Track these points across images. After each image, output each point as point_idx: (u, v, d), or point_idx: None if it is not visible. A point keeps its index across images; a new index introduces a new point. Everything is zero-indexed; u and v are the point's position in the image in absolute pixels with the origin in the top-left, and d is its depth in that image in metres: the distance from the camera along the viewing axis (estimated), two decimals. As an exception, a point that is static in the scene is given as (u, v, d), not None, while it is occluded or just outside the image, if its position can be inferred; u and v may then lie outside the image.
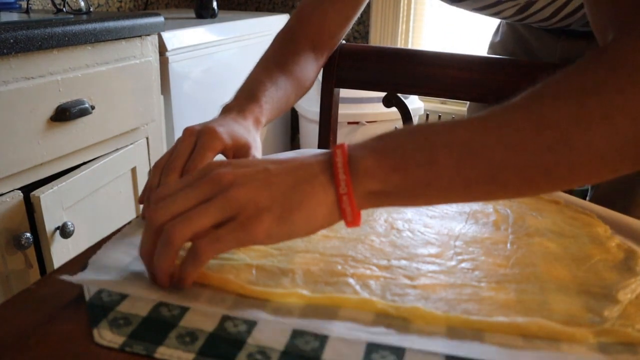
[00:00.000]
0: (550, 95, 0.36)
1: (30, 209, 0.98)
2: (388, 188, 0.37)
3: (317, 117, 0.95)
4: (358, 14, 0.74)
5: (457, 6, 0.69)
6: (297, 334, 0.35)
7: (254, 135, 0.57)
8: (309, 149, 0.72)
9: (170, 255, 0.36)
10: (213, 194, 0.37)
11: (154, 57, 1.29)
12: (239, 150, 0.53)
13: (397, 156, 0.36)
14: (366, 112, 1.95)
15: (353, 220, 0.38)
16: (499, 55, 0.80)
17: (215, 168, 0.38)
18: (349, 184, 0.36)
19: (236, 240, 0.36)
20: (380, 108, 0.94)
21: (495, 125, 0.36)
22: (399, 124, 0.93)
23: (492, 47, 0.86)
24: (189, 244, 0.37)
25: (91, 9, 1.23)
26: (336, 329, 0.35)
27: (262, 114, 0.60)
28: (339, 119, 0.98)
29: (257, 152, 0.55)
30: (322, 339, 0.34)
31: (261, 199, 0.36)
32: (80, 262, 0.42)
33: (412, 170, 0.36)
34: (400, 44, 2.27)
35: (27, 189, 0.98)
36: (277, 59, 0.71)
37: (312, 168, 0.38)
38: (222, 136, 0.50)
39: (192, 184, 0.38)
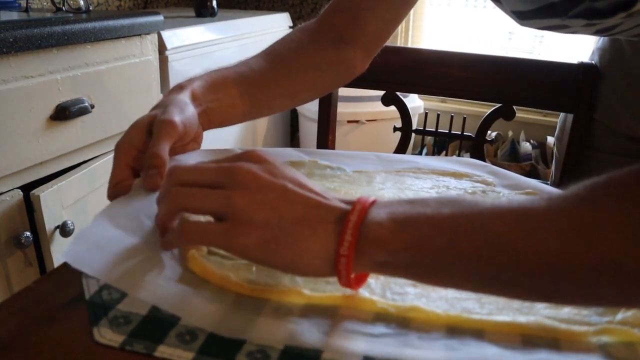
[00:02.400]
0: (609, 202, 0.30)
1: (30, 207, 0.97)
2: (396, 262, 0.33)
3: (316, 116, 0.95)
4: (405, 14, 0.67)
5: (524, 25, 0.63)
6: (297, 332, 0.35)
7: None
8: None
9: (163, 211, 0.38)
10: (223, 184, 0.36)
11: (153, 56, 1.29)
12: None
13: (415, 231, 0.33)
14: (366, 110, 1.95)
15: (345, 284, 0.35)
16: (596, 61, 0.77)
17: (245, 158, 0.38)
18: (352, 248, 0.33)
19: (219, 242, 0.36)
20: (380, 106, 0.94)
21: (533, 226, 0.31)
22: (399, 123, 0.93)
23: (593, 53, 0.79)
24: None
25: (90, 8, 1.23)
26: (336, 329, 0.35)
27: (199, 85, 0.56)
28: (339, 118, 0.98)
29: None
30: (322, 338, 0.34)
31: (258, 215, 0.34)
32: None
33: (427, 251, 0.32)
34: (400, 43, 2.26)
35: (27, 188, 0.98)
36: (277, 45, 0.65)
37: (327, 214, 0.35)
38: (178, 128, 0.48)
39: (219, 163, 0.38)
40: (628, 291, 0.30)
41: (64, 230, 1.01)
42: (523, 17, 0.61)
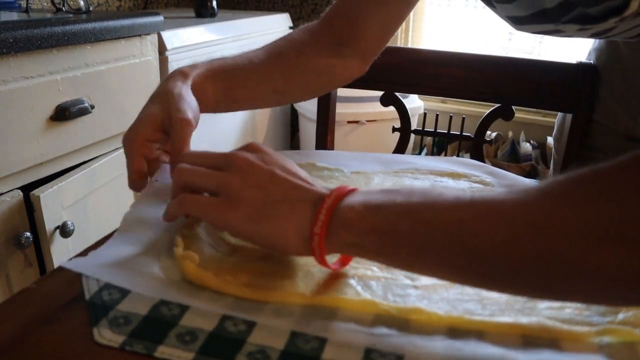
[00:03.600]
0: (563, 198, 0.31)
1: (30, 208, 0.97)
2: (363, 243, 0.36)
3: (315, 116, 0.95)
4: (403, 19, 0.69)
5: (520, 30, 0.64)
6: (297, 333, 0.35)
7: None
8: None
9: (173, 185, 0.43)
10: (222, 167, 0.41)
11: (153, 57, 1.29)
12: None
13: (381, 216, 0.35)
14: (366, 111, 1.95)
15: (320, 261, 0.38)
16: (593, 61, 0.77)
17: (245, 149, 0.43)
18: (324, 227, 0.36)
19: (208, 215, 0.40)
20: (380, 107, 0.94)
21: (488, 215, 0.32)
22: (398, 123, 0.93)
23: (590, 53, 0.79)
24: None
25: (90, 8, 1.23)
26: (337, 330, 0.35)
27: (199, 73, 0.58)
28: (339, 118, 0.98)
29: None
30: (322, 339, 0.34)
31: (244, 194, 0.39)
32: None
33: (390, 235, 0.35)
34: (400, 43, 2.27)
35: (27, 188, 0.98)
36: (279, 42, 0.67)
37: (307, 196, 0.38)
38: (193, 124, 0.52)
39: (226, 152, 0.43)
40: (574, 283, 0.31)
41: (64, 230, 1.01)
42: (518, 22, 0.62)
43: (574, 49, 2.05)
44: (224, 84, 0.61)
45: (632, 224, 0.29)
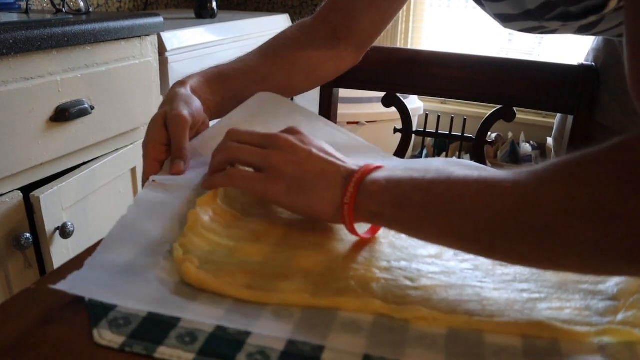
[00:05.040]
0: (554, 179, 0.35)
1: (30, 209, 0.98)
2: (384, 213, 0.41)
3: (316, 117, 0.94)
4: (395, 15, 0.72)
5: (507, 27, 0.68)
6: (297, 334, 0.34)
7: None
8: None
9: (219, 159, 0.48)
10: (265, 146, 0.47)
11: (153, 57, 1.29)
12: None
13: (400, 189, 0.40)
14: (366, 112, 1.95)
15: (350, 229, 0.44)
16: (591, 62, 0.77)
17: (288, 131, 0.48)
18: (352, 198, 0.42)
19: (253, 188, 0.46)
20: (380, 108, 0.94)
21: (487, 191, 0.37)
22: (399, 124, 0.93)
23: (588, 53, 0.81)
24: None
25: (90, 10, 1.23)
26: (336, 336, 0.35)
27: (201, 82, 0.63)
28: (339, 119, 0.98)
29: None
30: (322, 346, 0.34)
31: (285, 170, 0.45)
32: (79, 263, 0.42)
33: (407, 208, 0.40)
34: (400, 44, 2.27)
35: (27, 189, 0.98)
36: (272, 41, 0.71)
37: (340, 170, 0.44)
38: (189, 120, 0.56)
39: (268, 133, 0.48)
40: (563, 254, 0.35)
41: (64, 231, 1.01)
42: (506, 20, 0.66)
43: (573, 50, 2.05)
44: (224, 87, 0.65)
45: (613, 203, 0.32)
